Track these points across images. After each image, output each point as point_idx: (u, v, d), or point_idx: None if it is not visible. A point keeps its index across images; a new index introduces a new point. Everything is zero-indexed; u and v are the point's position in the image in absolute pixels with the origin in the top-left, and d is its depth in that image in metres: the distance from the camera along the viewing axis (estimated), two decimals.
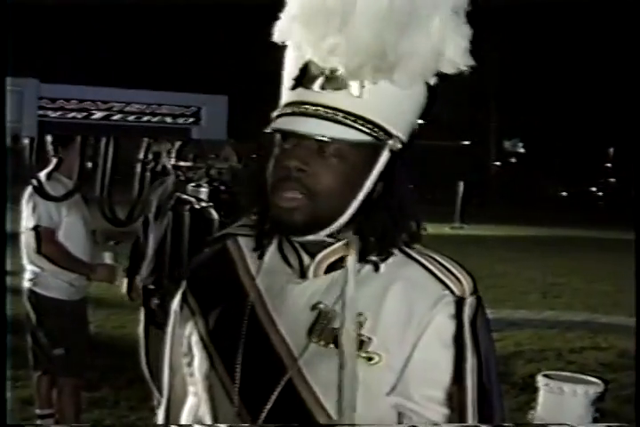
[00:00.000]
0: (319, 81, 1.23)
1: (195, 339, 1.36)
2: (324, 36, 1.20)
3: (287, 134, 1.24)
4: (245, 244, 1.39)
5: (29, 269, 4.39)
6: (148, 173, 3.58)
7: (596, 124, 42.58)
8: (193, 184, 3.49)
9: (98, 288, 6.87)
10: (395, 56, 1.20)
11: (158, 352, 3.83)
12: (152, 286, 3.70)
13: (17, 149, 3.17)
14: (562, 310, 9.48)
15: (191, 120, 3.30)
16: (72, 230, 4.36)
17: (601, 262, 14.71)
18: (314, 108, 1.22)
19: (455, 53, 1.24)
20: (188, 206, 3.50)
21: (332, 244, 1.28)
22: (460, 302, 1.24)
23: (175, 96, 3.33)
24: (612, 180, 49.30)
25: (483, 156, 41.21)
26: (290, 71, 1.28)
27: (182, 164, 3.50)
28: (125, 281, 4.30)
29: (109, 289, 8.95)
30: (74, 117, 3.08)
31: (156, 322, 3.64)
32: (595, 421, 3.56)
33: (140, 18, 28.66)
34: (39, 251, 4.29)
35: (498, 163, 46.09)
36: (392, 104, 1.25)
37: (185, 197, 3.50)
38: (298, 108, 1.23)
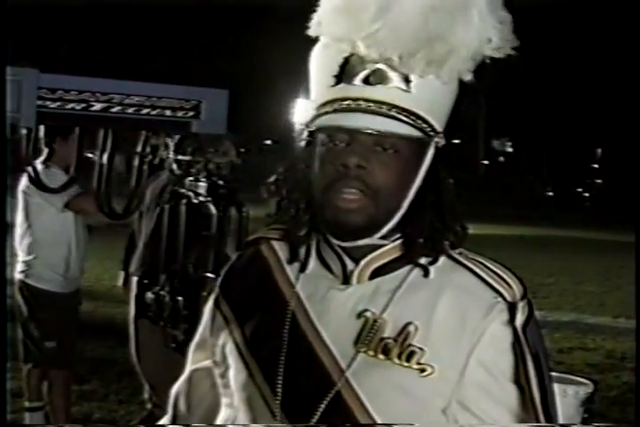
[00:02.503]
0: (362, 75, 1.18)
1: (229, 348, 1.30)
2: (371, 23, 1.15)
3: (336, 132, 1.19)
4: (280, 248, 1.32)
5: (21, 261, 4.35)
6: (146, 167, 3.55)
7: (584, 125, 42.77)
8: (191, 178, 3.47)
9: (87, 280, 6.84)
10: (446, 46, 1.16)
11: (147, 345, 3.82)
12: (146, 281, 3.68)
13: (15, 139, 3.13)
14: (550, 311, 9.49)
15: (191, 114, 3.27)
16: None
17: (589, 263, 14.76)
18: (365, 103, 1.17)
19: (500, 38, 1.19)
20: (185, 200, 3.49)
21: (377, 248, 1.23)
22: (512, 308, 1.20)
23: (175, 89, 3.30)
24: (599, 181, 49.50)
25: (471, 154, 41.29)
26: (325, 68, 1.22)
27: (181, 157, 3.48)
28: (122, 273, 4.28)
29: (98, 281, 8.97)
30: (73, 108, 3.04)
31: (149, 316, 3.63)
32: (584, 421, 3.56)
33: (142, 10, 28.50)
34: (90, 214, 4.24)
35: (486, 162, 46.20)
36: (435, 99, 1.21)
37: (183, 191, 3.48)
38: (347, 105, 1.18)
